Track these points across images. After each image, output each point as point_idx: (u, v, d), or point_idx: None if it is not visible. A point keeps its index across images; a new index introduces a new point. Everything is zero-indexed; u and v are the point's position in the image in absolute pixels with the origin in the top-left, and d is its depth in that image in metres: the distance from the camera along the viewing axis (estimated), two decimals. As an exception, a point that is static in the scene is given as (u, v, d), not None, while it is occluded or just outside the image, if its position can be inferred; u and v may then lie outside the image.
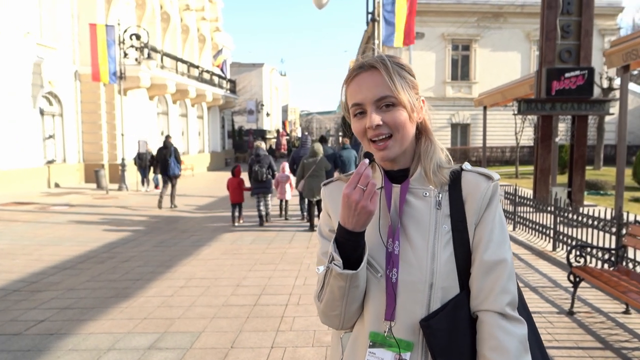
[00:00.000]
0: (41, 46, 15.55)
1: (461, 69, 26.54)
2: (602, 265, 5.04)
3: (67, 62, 16.98)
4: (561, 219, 6.45)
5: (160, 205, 11.71)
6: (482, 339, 1.04)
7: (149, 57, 16.97)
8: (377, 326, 1.07)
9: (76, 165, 17.64)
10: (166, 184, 11.78)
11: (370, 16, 10.46)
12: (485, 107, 14.67)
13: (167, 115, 22.91)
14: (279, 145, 44.65)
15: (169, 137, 12.16)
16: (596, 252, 5.29)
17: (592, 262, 5.31)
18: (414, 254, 1.06)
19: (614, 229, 5.03)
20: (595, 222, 5.46)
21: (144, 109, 20.27)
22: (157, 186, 16.02)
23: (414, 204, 1.10)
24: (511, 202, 8.25)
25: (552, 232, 6.70)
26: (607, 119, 23.34)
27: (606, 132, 24.45)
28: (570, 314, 4.37)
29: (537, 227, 7.21)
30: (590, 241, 5.54)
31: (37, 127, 15.59)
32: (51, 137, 16.54)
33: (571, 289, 4.58)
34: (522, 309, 1.11)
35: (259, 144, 9.52)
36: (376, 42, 10.13)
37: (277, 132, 54.06)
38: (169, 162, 11.40)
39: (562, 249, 6.45)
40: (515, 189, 8.16)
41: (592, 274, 4.28)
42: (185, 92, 22.24)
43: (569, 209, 6.23)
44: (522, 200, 7.87)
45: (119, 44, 15.65)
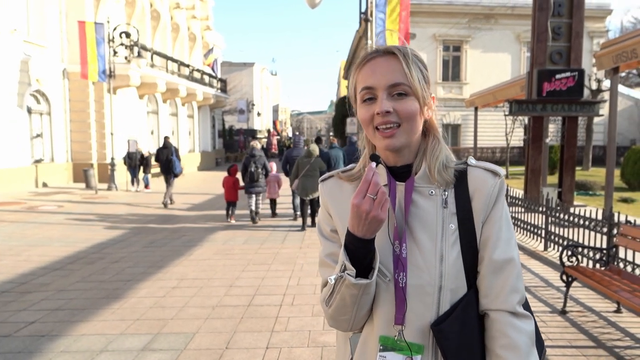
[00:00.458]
0: (28, 43, 15.32)
1: (452, 70, 26.70)
2: (594, 265, 5.09)
3: (55, 60, 16.76)
4: (552, 219, 6.49)
5: (165, 203, 12.01)
6: (493, 337, 1.03)
7: (139, 55, 16.80)
8: (387, 330, 1.05)
9: (64, 164, 17.41)
10: (170, 183, 12.13)
11: (363, 16, 10.45)
12: (476, 108, 14.75)
13: (157, 114, 22.71)
14: (269, 145, 44.50)
15: (167, 137, 12.64)
16: (587, 252, 5.34)
17: (584, 262, 5.36)
18: (422, 256, 1.04)
19: (605, 229, 5.08)
20: (586, 222, 5.50)
21: (134, 108, 20.07)
22: (147, 186, 15.88)
23: (420, 204, 1.07)
24: (502, 202, 8.28)
25: (543, 232, 6.75)
26: (596, 120, 23.62)
27: (594, 133, 24.74)
28: (563, 313, 4.40)
29: (528, 227, 7.26)
30: (580, 241, 5.59)
31: (25, 126, 15.36)
32: (39, 136, 16.31)
33: (563, 289, 4.61)
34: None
35: (254, 144, 9.71)
36: (369, 42, 10.13)
37: (268, 131, 53.90)
38: (172, 161, 11.84)
39: (554, 249, 6.50)
40: (506, 189, 8.20)
41: (584, 273, 4.32)
42: (175, 91, 22.07)
43: (560, 209, 6.28)
44: (513, 200, 7.92)
45: (109, 42, 15.48)
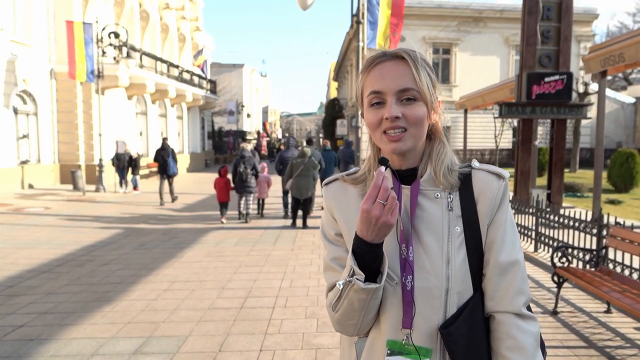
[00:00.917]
0: (15, 43, 15.09)
1: (442, 72, 26.87)
2: (584, 266, 5.14)
3: (42, 60, 16.54)
4: (542, 220, 6.56)
5: (162, 202, 12.57)
6: (499, 339, 1.04)
7: (128, 55, 16.62)
8: (395, 334, 1.04)
9: (51, 165, 17.18)
10: (163, 182, 12.67)
11: (354, 18, 10.48)
12: (466, 110, 14.86)
13: (146, 115, 22.52)
14: (259, 146, 44.38)
15: (165, 139, 13.24)
16: (577, 253, 5.40)
17: (574, 263, 5.41)
18: (429, 259, 1.04)
19: (595, 230, 5.13)
20: (576, 224, 5.56)
21: (122, 109, 19.88)
22: (135, 187, 15.73)
23: (426, 207, 1.07)
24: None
25: (533, 233, 6.81)
26: (583, 122, 23.94)
27: (581, 136, 25.07)
28: (554, 313, 4.44)
29: (518, 228, 7.32)
30: (570, 242, 5.65)
31: (11, 127, 15.12)
32: (25, 136, 16.08)
33: (554, 290, 4.66)
34: None
35: (244, 145, 10.07)
36: (360, 45, 10.15)
37: (258, 133, 53.77)
38: (167, 162, 12.40)
39: (544, 250, 6.56)
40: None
41: (575, 274, 4.36)
42: (164, 92, 21.90)
43: (550, 210, 6.34)
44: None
45: (97, 42, 15.32)
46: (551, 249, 6.16)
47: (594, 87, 21.30)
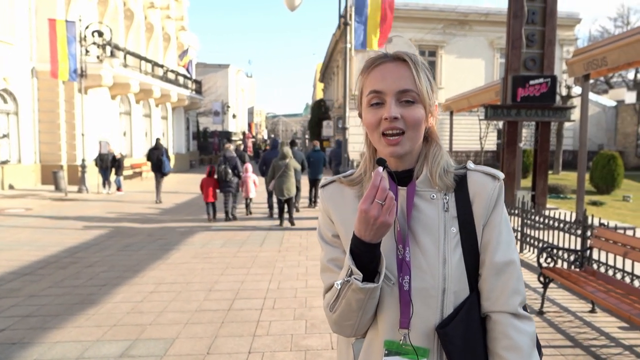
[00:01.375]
0: (-4, 40, 14.80)
1: (427, 75, 27.09)
2: (569, 266, 5.21)
3: (23, 58, 16.21)
4: (528, 221, 6.63)
5: (158, 200, 13.02)
6: (495, 339, 1.05)
7: (112, 55, 16.39)
8: (392, 334, 1.05)
9: (32, 166, 16.84)
10: (159, 180, 13.08)
11: (342, 19, 10.49)
12: (451, 112, 14.99)
13: (130, 115, 22.23)
14: (245, 147, 44.13)
15: (159, 139, 13.80)
16: (562, 253, 5.47)
17: (559, 264, 5.48)
18: (425, 259, 1.04)
19: (579, 231, 5.21)
20: (561, 225, 5.64)
21: (106, 109, 19.59)
22: (119, 188, 15.51)
23: (422, 208, 1.08)
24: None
25: (519, 234, 6.88)
26: (566, 125, 24.35)
27: (564, 138, 25.49)
28: (540, 313, 4.49)
29: (504, 229, 7.38)
30: (554, 243, 5.73)
31: (-9, 126, 14.82)
32: (5, 136, 15.75)
33: (540, 290, 4.71)
34: None
35: (227, 146, 10.30)
36: (347, 46, 10.17)
37: (243, 134, 53.49)
38: (162, 160, 12.81)
39: (529, 251, 6.64)
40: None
41: (561, 275, 4.42)
42: (149, 92, 21.64)
43: (535, 211, 6.41)
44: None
45: (80, 40, 15.07)
46: (537, 250, 6.23)
47: (576, 90, 21.69)
